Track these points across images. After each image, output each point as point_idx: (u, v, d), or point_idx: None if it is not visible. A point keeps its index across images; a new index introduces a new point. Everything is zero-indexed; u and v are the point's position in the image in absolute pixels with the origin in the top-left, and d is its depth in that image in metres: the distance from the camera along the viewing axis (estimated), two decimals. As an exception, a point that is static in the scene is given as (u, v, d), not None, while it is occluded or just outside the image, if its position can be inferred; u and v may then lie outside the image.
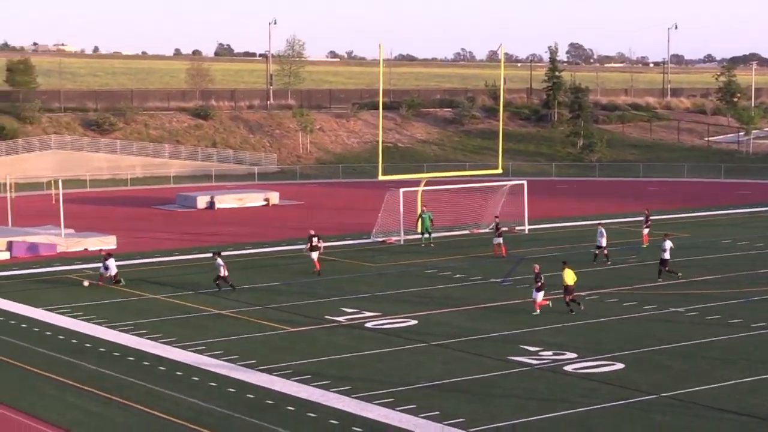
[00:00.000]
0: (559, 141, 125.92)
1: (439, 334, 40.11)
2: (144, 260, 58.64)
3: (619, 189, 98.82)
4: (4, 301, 47.35)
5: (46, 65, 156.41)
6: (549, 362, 35.94)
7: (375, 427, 29.00)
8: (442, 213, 67.35)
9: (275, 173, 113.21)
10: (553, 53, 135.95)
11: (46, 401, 31.95)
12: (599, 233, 55.81)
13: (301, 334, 40.53)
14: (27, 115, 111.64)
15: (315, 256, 53.82)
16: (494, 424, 29.15)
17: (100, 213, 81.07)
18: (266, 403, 31.47)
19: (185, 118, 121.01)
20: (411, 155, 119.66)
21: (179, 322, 42.85)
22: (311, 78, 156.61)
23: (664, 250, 50.92)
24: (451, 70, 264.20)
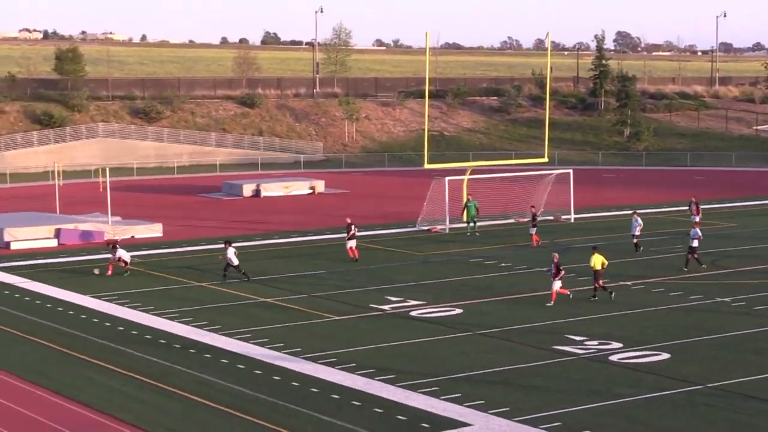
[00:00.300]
0: (605, 130, 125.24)
1: (484, 323, 40.05)
2: (190, 248, 58.94)
3: (665, 178, 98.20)
4: (52, 288, 47.77)
5: (94, 54, 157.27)
6: (594, 352, 35.80)
7: (419, 416, 29.02)
8: (487, 202, 67.20)
9: (321, 161, 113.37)
10: (600, 41, 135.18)
11: (93, 387, 32.20)
12: (634, 222, 55.48)
13: (346, 323, 40.60)
14: (75, 103, 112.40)
15: (353, 244, 53.95)
16: (539, 413, 29.09)
17: (146, 201, 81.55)
18: (311, 391, 31.55)
19: (232, 106, 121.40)
20: (457, 144, 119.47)
21: (225, 310, 43.04)
22: (357, 66, 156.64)
23: (693, 239, 50.60)
24: (497, 58, 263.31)
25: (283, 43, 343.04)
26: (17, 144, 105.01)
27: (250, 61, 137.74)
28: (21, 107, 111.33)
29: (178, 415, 29.46)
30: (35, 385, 32.53)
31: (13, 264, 53.85)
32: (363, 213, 72.80)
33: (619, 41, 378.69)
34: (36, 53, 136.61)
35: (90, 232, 61.30)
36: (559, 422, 28.38)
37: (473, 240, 60.44)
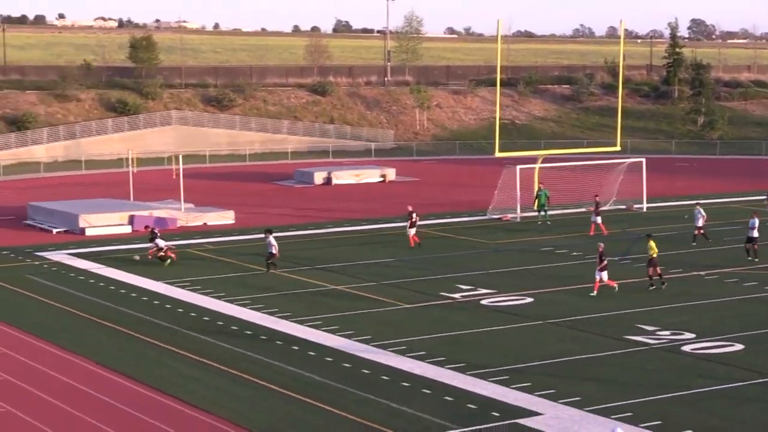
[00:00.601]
0: (679, 118, 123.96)
1: (555, 312, 39.85)
2: (261, 235, 59.13)
3: (740, 167, 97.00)
4: (126, 274, 48.27)
5: (168, 42, 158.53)
6: (666, 342, 35.48)
7: (489, 404, 28.95)
8: (559, 191, 66.83)
9: (392, 149, 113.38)
10: (673, 29, 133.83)
11: (164, 372, 32.50)
12: (697, 213, 54.82)
13: (417, 311, 40.59)
14: (149, 91, 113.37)
15: (413, 232, 54.00)
16: (609, 403, 28.89)
17: (218, 188, 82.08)
18: (381, 378, 31.58)
19: (303, 94, 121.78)
20: (528, 132, 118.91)
21: (295, 297, 43.20)
22: (429, 54, 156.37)
23: (752, 228, 49.92)
24: (569, 46, 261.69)
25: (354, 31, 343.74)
26: (92, 131, 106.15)
27: (321, 49, 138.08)
28: (96, 95, 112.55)
29: (249, 401, 29.64)
30: (109, 370, 32.90)
31: (88, 250, 54.48)
32: (434, 201, 72.74)
33: (694, 29, 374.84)
34: (111, 42, 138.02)
35: (163, 219, 61.82)
36: (630, 413, 28.18)
37: (544, 229, 60.12)
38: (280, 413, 28.58)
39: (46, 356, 34.68)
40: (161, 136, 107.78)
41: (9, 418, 28.44)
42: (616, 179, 68.70)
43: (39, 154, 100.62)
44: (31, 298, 43.44)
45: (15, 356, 34.63)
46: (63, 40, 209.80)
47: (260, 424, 27.71)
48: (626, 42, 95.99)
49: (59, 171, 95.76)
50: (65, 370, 32.98)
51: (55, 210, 63.22)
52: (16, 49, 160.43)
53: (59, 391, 30.76)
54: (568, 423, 27.56)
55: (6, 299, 43.38)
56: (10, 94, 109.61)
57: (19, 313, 40.90)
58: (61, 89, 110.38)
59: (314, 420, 28.03)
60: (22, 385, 31.29)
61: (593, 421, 27.62)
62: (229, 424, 27.82)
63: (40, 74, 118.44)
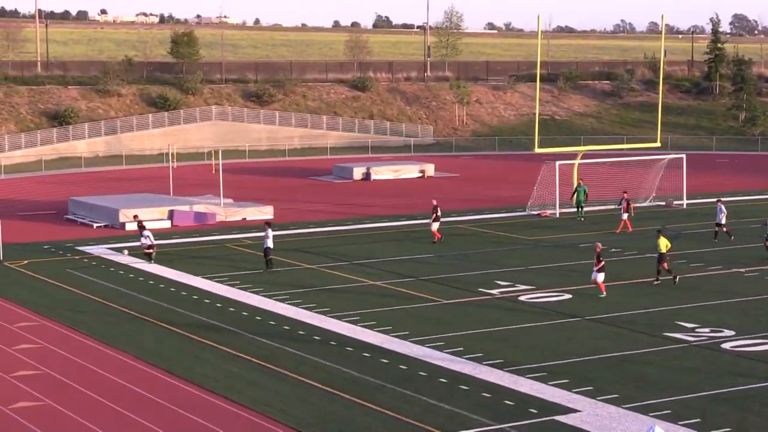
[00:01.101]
0: (720, 114, 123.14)
1: (593, 309, 39.67)
2: (300, 230, 59.35)
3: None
4: (165, 268, 48.48)
5: (208, 37, 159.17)
6: (706, 339, 35.23)
7: (527, 401, 28.85)
8: (598, 187, 66.53)
9: (431, 145, 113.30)
10: (715, 24, 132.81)
11: (203, 368, 32.59)
12: (719, 210, 54.34)
13: (455, 307, 40.52)
14: (189, 86, 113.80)
15: (436, 227, 53.97)
16: (648, 401, 28.72)
17: (257, 183, 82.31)
18: (419, 374, 31.55)
19: (343, 89, 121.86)
20: (568, 128, 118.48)
21: (334, 292, 43.24)
22: (468, 50, 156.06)
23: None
24: (610, 41, 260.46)
25: (394, 26, 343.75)
26: (133, 127, 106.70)
27: (361, 44, 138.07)
28: (137, 90, 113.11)
29: (287, 396, 29.68)
30: (148, 364, 33.05)
31: (128, 244, 54.71)
32: (472, 197, 72.64)
33: (736, 24, 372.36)
34: (152, 37, 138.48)
35: (203, 214, 62.05)
36: (669, 410, 28.00)
37: (583, 225, 59.84)
38: (318, 409, 28.59)
39: (87, 351, 34.87)
40: (201, 131, 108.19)
41: (49, 412, 28.63)
42: (656, 175, 68.35)
43: (80, 149, 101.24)
44: (72, 293, 43.71)
45: (56, 350, 34.86)
46: (105, 35, 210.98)
47: (298, 420, 27.73)
48: (667, 37, 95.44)
49: (100, 166, 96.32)
50: (106, 364, 33.15)
51: (95, 205, 63.61)
52: (58, 44, 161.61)
53: (100, 385, 30.92)
54: (606, 420, 27.42)
55: (47, 294, 43.68)
56: (53, 90, 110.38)
57: (61, 307, 41.16)
58: (103, 84, 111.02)
59: (352, 416, 28.02)
60: (63, 380, 31.48)
61: (632, 419, 27.46)
62: (268, 419, 27.86)
63: (82, 70, 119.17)
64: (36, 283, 45.88)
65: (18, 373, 32.16)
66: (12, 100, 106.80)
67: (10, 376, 31.87)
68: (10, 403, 29.23)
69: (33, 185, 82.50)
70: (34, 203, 71.15)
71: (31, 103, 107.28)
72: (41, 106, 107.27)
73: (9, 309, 41.02)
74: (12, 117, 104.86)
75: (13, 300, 42.44)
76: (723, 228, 54.24)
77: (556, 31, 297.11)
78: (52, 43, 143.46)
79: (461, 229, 59.13)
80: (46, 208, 68.12)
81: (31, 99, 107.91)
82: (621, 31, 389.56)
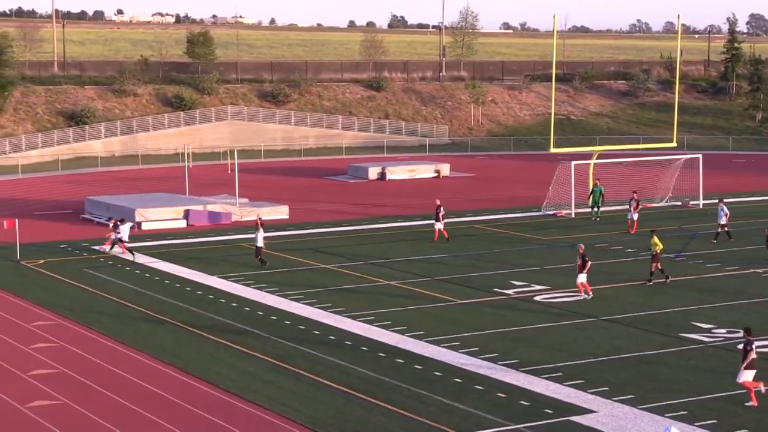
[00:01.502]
0: (736, 114, 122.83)
1: (609, 309, 39.60)
2: (315, 230, 59.38)
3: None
4: (180, 267, 48.55)
5: (224, 37, 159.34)
6: (722, 340, 35.13)
7: (542, 401, 28.81)
8: (615, 187, 66.40)
9: (446, 145, 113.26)
10: (732, 24, 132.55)
11: (219, 367, 32.63)
12: (720, 210, 54.13)
13: (470, 307, 40.49)
14: (205, 86, 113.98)
15: (440, 226, 54.02)
16: (664, 401, 28.66)
17: (273, 183, 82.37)
18: (434, 374, 31.53)
19: (358, 89, 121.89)
20: (583, 128, 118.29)
21: (348, 292, 43.24)
22: (484, 50, 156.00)
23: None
24: (626, 41, 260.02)
25: (410, 26, 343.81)
26: (149, 126, 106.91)
27: (377, 44, 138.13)
28: (153, 90, 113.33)
29: (302, 396, 29.68)
30: (164, 363, 33.10)
31: (144, 244, 54.85)
32: (488, 197, 72.58)
33: (752, 24, 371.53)
34: (168, 37, 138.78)
35: (218, 214, 62.13)
36: (685, 411, 27.94)
37: (599, 225, 59.72)
38: (334, 409, 28.60)
39: (103, 350, 34.95)
40: (216, 131, 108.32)
41: (66, 410, 28.70)
42: (672, 176, 68.18)
43: (96, 149, 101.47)
44: (89, 292, 43.81)
45: (73, 350, 34.94)
46: (121, 35, 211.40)
47: (313, 420, 27.74)
48: (683, 37, 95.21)
49: (116, 165, 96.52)
50: (122, 364, 33.22)
51: (112, 204, 63.72)
52: (75, 44, 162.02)
53: (116, 385, 30.99)
54: (622, 421, 27.37)
55: (64, 293, 43.79)
56: (69, 89, 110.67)
57: (77, 307, 41.25)
58: (119, 84, 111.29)
59: (367, 415, 28.03)
60: (79, 379, 31.56)
61: (648, 420, 27.41)
62: (283, 419, 27.88)
63: (99, 69, 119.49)
64: (52, 282, 46.00)
65: (35, 372, 32.25)
66: (29, 99, 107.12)
67: (27, 374, 31.96)
68: (27, 401, 29.31)
69: (49, 185, 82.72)
70: (50, 203, 71.34)
71: (48, 103, 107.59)
72: (58, 106, 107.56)
73: (26, 308, 41.14)
74: (29, 117, 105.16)
75: (29, 299, 42.56)
76: (724, 228, 53.99)
77: (572, 30, 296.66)
78: (69, 43, 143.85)
79: (476, 229, 59.08)
80: (63, 207, 68.29)
81: (48, 99, 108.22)
82: (637, 30, 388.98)
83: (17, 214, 60.57)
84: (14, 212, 63.86)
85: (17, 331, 37.50)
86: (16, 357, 33.97)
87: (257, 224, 49.59)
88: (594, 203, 62.27)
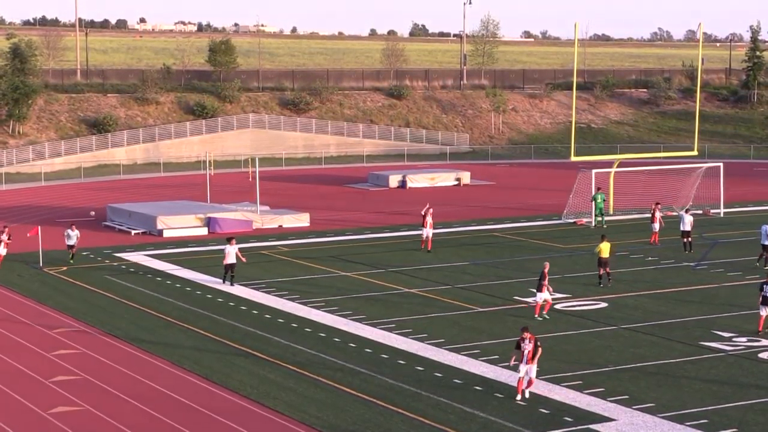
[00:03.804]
0: (758, 122, 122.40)
1: (629, 317, 39.53)
2: (336, 238, 59.44)
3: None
4: (202, 275, 48.67)
5: (246, 46, 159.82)
6: (743, 349, 35.03)
7: (562, 410, 28.78)
8: (635, 195, 66.28)
9: (467, 153, 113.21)
10: (754, 32, 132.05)
11: (240, 374, 32.70)
12: (682, 216, 53.98)
13: (490, 315, 40.47)
14: (227, 94, 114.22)
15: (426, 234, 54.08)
16: (685, 410, 28.59)
17: (294, 190, 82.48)
18: (454, 382, 31.54)
19: (379, 97, 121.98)
20: (604, 136, 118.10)
21: (369, 299, 43.27)
22: (505, 58, 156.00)
23: None
24: (647, 50, 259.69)
25: (431, 34, 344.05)
26: (171, 134, 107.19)
27: (398, 52, 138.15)
28: (175, 98, 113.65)
29: (323, 403, 29.73)
30: (185, 370, 33.20)
31: (165, 251, 55.03)
32: (509, 205, 72.53)
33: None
34: (190, 45, 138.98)
35: (240, 222, 62.24)
36: (706, 419, 27.87)
37: (620, 233, 59.46)
38: (354, 416, 28.63)
39: (125, 357, 35.08)
40: (238, 138, 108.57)
41: (87, 416, 28.82)
42: (693, 184, 68.00)
43: (119, 156, 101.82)
44: (110, 299, 43.97)
45: (94, 356, 35.08)
46: (144, 44, 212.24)
47: (334, 427, 27.78)
48: (705, 45, 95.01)
49: (138, 173, 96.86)
50: (143, 370, 33.34)
51: (133, 211, 63.95)
52: (98, 52, 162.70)
53: (137, 391, 31.10)
54: (642, 429, 27.32)
55: (86, 300, 43.97)
56: (92, 97, 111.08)
57: (99, 313, 41.42)
58: (141, 92, 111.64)
59: (387, 423, 28.05)
60: (101, 385, 31.68)
61: (668, 428, 27.36)
62: (303, 426, 27.93)
63: (121, 77, 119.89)
64: (74, 289, 46.19)
65: (57, 378, 32.40)
66: (52, 107, 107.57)
67: (49, 381, 32.11)
68: (49, 407, 29.45)
69: (72, 192, 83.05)
70: (73, 210, 71.60)
71: (70, 111, 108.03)
72: (81, 114, 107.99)
73: (48, 314, 41.33)
74: (52, 125, 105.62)
75: (52, 306, 42.75)
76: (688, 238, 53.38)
77: (593, 39, 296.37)
78: (92, 51, 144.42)
79: (497, 236, 59.05)
80: (85, 214, 68.54)
81: (70, 107, 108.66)
82: (658, 39, 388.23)
83: (40, 222, 60.82)
84: (37, 219, 64.14)
85: (40, 337, 37.68)
86: (39, 363, 34.14)
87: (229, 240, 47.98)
88: (599, 211, 61.97)
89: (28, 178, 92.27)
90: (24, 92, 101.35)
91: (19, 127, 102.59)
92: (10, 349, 36.10)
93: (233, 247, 46.27)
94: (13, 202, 76.84)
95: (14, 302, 43.71)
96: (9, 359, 34.73)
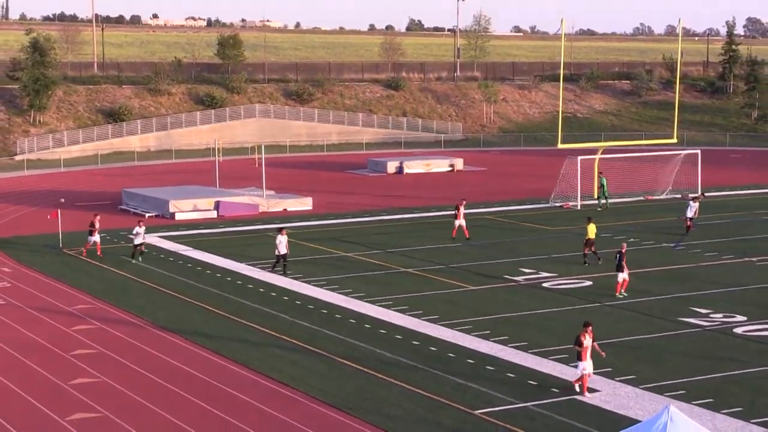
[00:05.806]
0: (733, 112, 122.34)
1: (612, 295, 39.56)
2: (337, 221, 59.45)
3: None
4: (211, 256, 48.70)
5: (252, 40, 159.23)
6: (719, 324, 35.11)
7: (549, 381, 28.86)
8: (618, 180, 66.28)
9: (460, 141, 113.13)
10: (730, 27, 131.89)
11: (248, 349, 32.76)
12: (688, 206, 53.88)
13: (482, 293, 40.52)
14: (234, 85, 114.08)
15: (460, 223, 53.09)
16: (663, 382, 28.67)
17: (297, 176, 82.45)
18: (448, 356, 31.60)
19: (378, 89, 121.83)
20: (589, 125, 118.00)
21: (368, 278, 43.31)
22: (496, 51, 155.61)
23: None
24: (629, 44, 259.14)
25: (426, 29, 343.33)
26: (182, 123, 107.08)
27: (395, 46, 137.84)
28: (186, 89, 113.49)
29: (325, 376, 29.80)
30: (198, 345, 33.26)
31: (177, 233, 55.05)
32: (499, 189, 72.52)
33: (749, 27, 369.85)
34: (200, 40, 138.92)
35: (246, 205, 62.25)
36: (684, 390, 27.95)
37: (604, 216, 59.51)
38: (354, 387, 28.70)
39: (140, 332, 35.14)
40: (245, 127, 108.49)
41: (105, 389, 28.89)
42: (672, 170, 68.03)
43: (133, 144, 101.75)
44: (126, 278, 44.01)
45: (111, 331, 35.15)
46: (156, 38, 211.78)
47: (335, 398, 27.86)
48: (684, 40, 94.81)
49: (151, 160, 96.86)
50: (158, 345, 33.41)
51: (147, 196, 63.96)
52: (113, 47, 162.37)
53: (152, 364, 31.17)
54: (624, 400, 27.41)
55: (103, 278, 44.02)
56: (108, 89, 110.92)
57: (115, 291, 41.47)
58: (154, 84, 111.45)
59: (386, 394, 28.12)
60: (118, 359, 31.75)
61: (648, 399, 27.44)
62: (307, 397, 28.00)
63: (135, 70, 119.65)
64: (92, 268, 46.23)
65: (76, 351, 32.47)
66: (71, 98, 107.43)
67: (70, 354, 32.19)
68: (69, 379, 29.53)
69: (90, 178, 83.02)
70: (90, 194, 71.60)
71: (88, 102, 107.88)
72: (97, 104, 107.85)
73: (67, 292, 41.37)
74: (71, 114, 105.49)
75: (71, 284, 42.80)
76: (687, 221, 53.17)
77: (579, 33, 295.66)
78: (108, 45, 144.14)
79: (488, 220, 59.07)
80: (102, 198, 68.53)
81: (88, 97, 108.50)
82: (640, 33, 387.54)
83: (60, 205, 60.80)
84: (57, 203, 64.11)
85: (60, 313, 37.73)
86: (59, 338, 34.21)
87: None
88: (604, 193, 62.20)
89: (48, 164, 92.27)
90: (44, 84, 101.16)
91: (39, 117, 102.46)
92: (33, 323, 36.14)
93: (284, 236, 44.46)
94: (35, 187, 76.88)
95: (37, 281, 43.74)
96: (32, 333, 34.79)
